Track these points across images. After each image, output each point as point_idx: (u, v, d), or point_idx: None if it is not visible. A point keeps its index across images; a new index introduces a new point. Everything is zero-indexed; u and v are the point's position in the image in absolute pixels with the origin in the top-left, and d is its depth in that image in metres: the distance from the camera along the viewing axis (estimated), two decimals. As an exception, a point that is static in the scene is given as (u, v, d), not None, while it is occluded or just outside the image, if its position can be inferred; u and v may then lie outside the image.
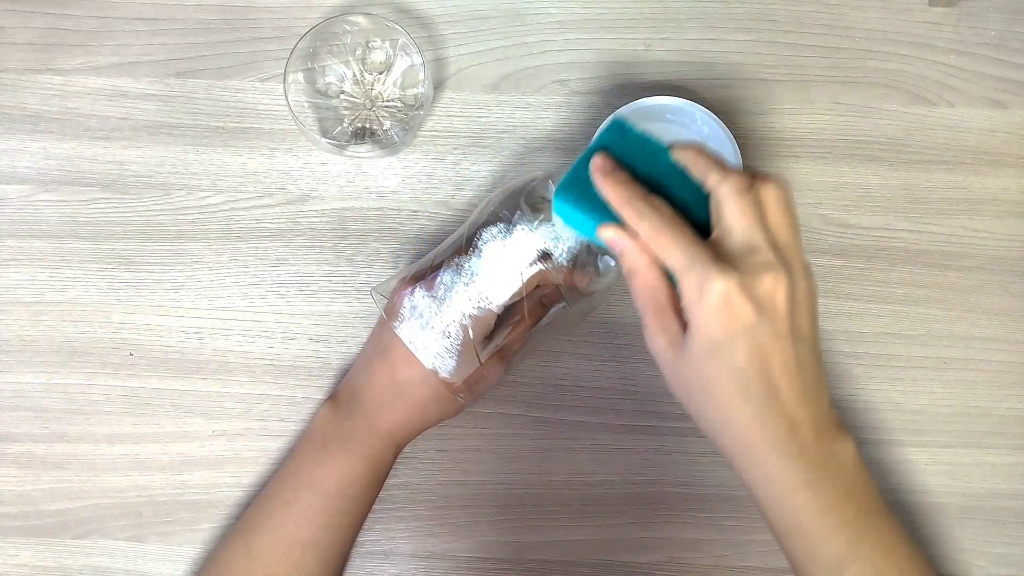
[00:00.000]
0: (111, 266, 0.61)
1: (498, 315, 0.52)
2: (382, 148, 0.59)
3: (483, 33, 0.64)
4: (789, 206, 0.43)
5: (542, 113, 0.63)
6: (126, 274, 0.61)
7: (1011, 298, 0.61)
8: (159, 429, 0.59)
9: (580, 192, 0.46)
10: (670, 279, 0.44)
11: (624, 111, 0.57)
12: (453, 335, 0.51)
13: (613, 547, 0.58)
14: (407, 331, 0.51)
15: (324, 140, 0.57)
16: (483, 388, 0.55)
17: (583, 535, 0.58)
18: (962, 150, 0.63)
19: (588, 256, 0.54)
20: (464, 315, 0.51)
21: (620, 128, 0.48)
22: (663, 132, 0.60)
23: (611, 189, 0.45)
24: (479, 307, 0.51)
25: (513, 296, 0.52)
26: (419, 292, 0.52)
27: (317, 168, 0.62)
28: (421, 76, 0.60)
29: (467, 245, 0.52)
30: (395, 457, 0.55)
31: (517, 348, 0.55)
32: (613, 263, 0.55)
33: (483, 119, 0.63)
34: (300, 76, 0.62)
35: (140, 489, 0.59)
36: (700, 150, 0.45)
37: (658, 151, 0.47)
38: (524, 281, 0.51)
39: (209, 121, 0.62)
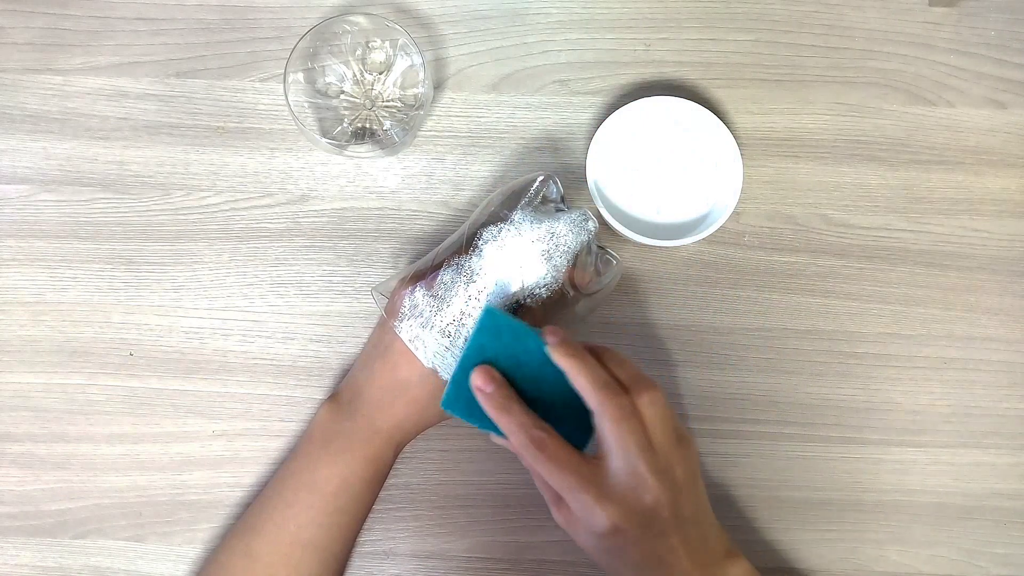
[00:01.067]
0: (111, 266, 0.61)
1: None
2: (382, 148, 0.59)
3: (483, 33, 0.64)
4: (667, 416, 0.47)
5: (542, 113, 0.63)
6: (126, 274, 0.61)
7: (1011, 298, 0.61)
8: (159, 429, 0.59)
9: (467, 399, 0.48)
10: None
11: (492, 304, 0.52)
12: (453, 334, 0.51)
13: (613, 547, 0.58)
14: (407, 330, 0.51)
15: (324, 140, 0.57)
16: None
17: (583, 535, 0.58)
18: (962, 150, 0.63)
19: (588, 256, 0.54)
20: (464, 314, 0.51)
21: (493, 321, 0.48)
22: (661, 133, 0.61)
23: (495, 416, 0.47)
24: (479, 306, 0.51)
25: (513, 295, 0.52)
26: (419, 291, 0.52)
27: (317, 168, 0.62)
28: (421, 76, 0.60)
29: (467, 244, 0.52)
30: (395, 456, 0.55)
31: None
32: (615, 263, 0.55)
33: (483, 119, 0.63)
34: (300, 76, 0.62)
35: (140, 489, 0.59)
36: (574, 358, 0.47)
37: (531, 339, 0.48)
38: (523, 281, 0.51)
39: (209, 121, 0.62)
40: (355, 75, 0.62)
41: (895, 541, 0.59)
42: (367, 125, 0.62)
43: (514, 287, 0.51)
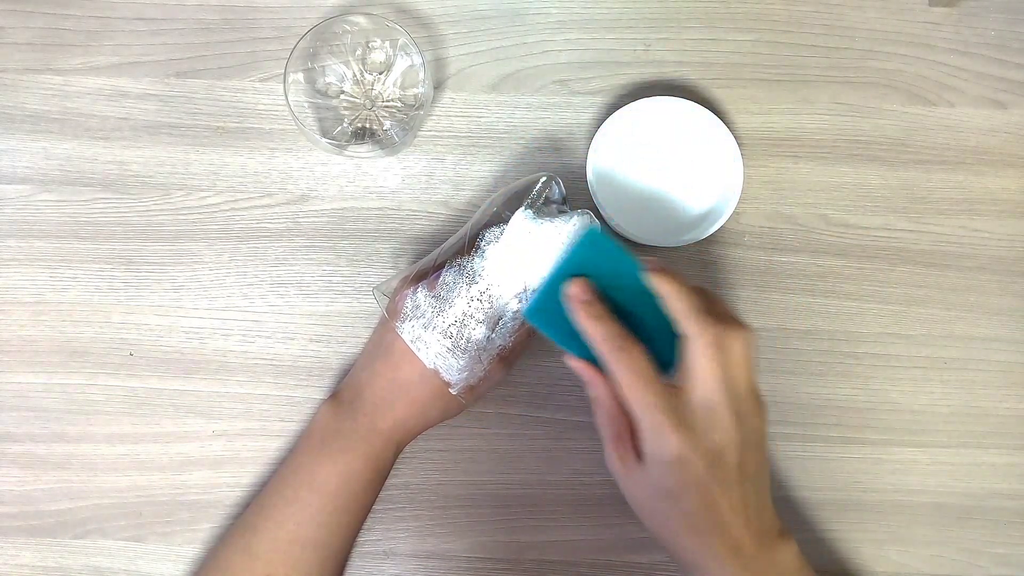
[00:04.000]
0: (111, 266, 0.61)
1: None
2: (382, 148, 0.59)
3: (483, 33, 0.64)
4: (752, 359, 0.46)
5: (542, 113, 0.63)
6: (126, 274, 0.61)
7: (1011, 298, 0.61)
8: (159, 429, 0.59)
9: (553, 309, 0.48)
10: None
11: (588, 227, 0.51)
12: (455, 335, 0.51)
13: (613, 547, 0.58)
14: (409, 330, 0.51)
15: (324, 140, 0.57)
16: (484, 388, 0.55)
17: (583, 535, 0.59)
18: (962, 150, 0.63)
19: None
20: (466, 315, 0.51)
21: (592, 239, 0.48)
22: (661, 133, 0.61)
23: (588, 324, 0.47)
24: (482, 308, 0.51)
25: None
26: (421, 292, 0.52)
27: (317, 168, 0.62)
28: (421, 76, 0.60)
29: (469, 245, 0.52)
30: (396, 456, 0.55)
31: (518, 349, 0.55)
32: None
33: (483, 119, 0.63)
34: (300, 76, 0.62)
35: (140, 489, 0.59)
36: (674, 283, 0.46)
37: (627, 262, 0.48)
38: (525, 282, 0.51)
39: (209, 121, 0.62)
40: (355, 75, 0.62)
41: (895, 541, 0.59)
42: (367, 125, 0.62)
43: (516, 288, 0.51)
